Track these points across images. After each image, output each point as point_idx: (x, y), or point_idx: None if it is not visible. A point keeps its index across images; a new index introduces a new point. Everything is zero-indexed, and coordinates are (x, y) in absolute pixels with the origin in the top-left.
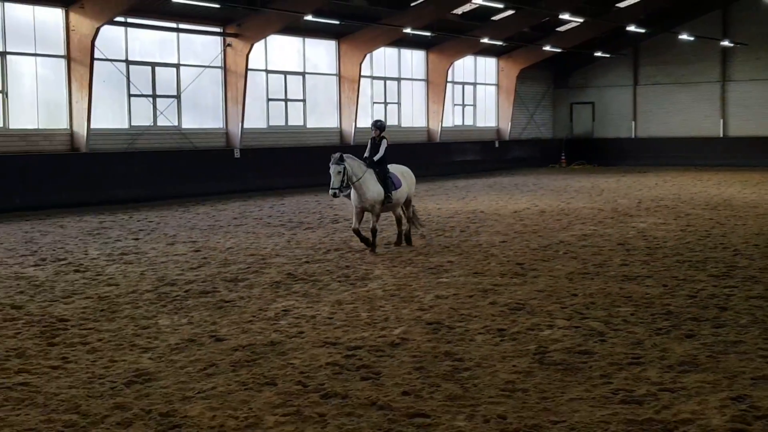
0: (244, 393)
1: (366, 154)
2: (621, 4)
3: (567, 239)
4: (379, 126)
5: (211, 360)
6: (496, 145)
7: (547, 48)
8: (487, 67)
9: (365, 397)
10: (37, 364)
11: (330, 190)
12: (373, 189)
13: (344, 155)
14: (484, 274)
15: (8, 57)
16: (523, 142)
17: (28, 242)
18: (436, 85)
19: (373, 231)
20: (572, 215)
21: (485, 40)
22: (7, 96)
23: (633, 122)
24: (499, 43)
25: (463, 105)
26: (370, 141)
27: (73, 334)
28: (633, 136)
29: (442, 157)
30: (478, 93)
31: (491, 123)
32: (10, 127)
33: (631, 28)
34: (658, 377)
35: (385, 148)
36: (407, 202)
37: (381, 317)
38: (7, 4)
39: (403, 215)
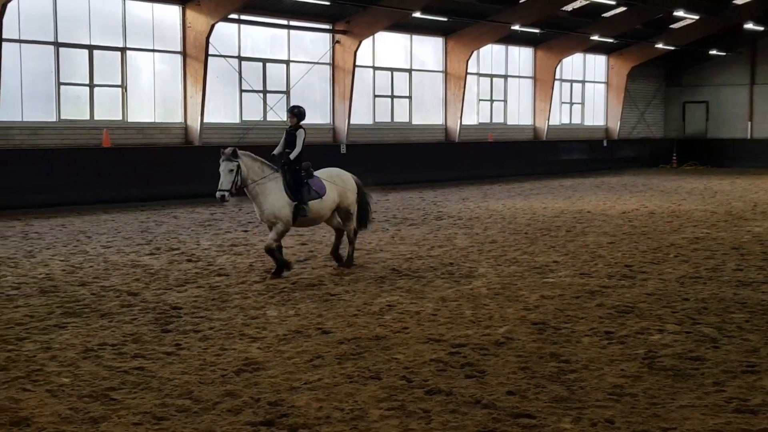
0: (350, 386)
1: (276, 150)
2: (738, 1)
3: (678, 242)
4: (296, 113)
5: (318, 352)
6: (605, 144)
7: (660, 46)
8: (596, 64)
9: (470, 395)
10: (152, 349)
11: (217, 192)
12: (274, 200)
13: (240, 151)
14: (590, 275)
15: (128, 53)
16: (633, 142)
17: (144, 232)
18: (543, 82)
19: (268, 250)
20: (683, 217)
21: (595, 38)
22: (126, 90)
23: (749, 122)
24: (610, 40)
25: (571, 103)
26: (284, 133)
27: (186, 321)
28: (749, 136)
29: (549, 155)
30: (587, 91)
31: (600, 122)
32: (129, 120)
33: (749, 25)
34: None
35: (302, 141)
36: (346, 215)
37: (485, 315)
38: (127, 2)
39: (346, 228)
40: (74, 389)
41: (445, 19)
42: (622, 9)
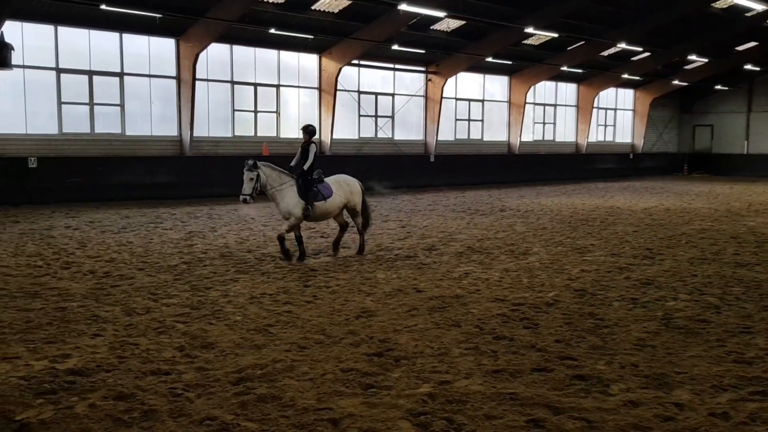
0: (437, 330)
1: (293, 162)
2: (740, 48)
3: (688, 232)
4: (309, 131)
5: (414, 305)
6: (631, 156)
7: (676, 82)
8: (626, 96)
9: (527, 341)
10: (297, 298)
11: (240, 196)
12: (289, 201)
13: (259, 162)
14: (620, 255)
15: (281, 89)
16: (653, 155)
17: None
18: (584, 110)
19: (279, 238)
20: (692, 213)
21: (625, 76)
22: (279, 115)
23: (746, 141)
24: (637, 77)
25: (605, 125)
26: (300, 148)
27: (320, 279)
28: (745, 152)
29: (587, 165)
30: (618, 116)
31: (627, 139)
32: (281, 136)
33: (747, 66)
34: (765, 344)
35: (314, 154)
36: (353, 213)
37: (538, 283)
38: (281, 52)
39: (354, 223)
40: (244, 324)
41: (510, 62)
42: (647, 54)
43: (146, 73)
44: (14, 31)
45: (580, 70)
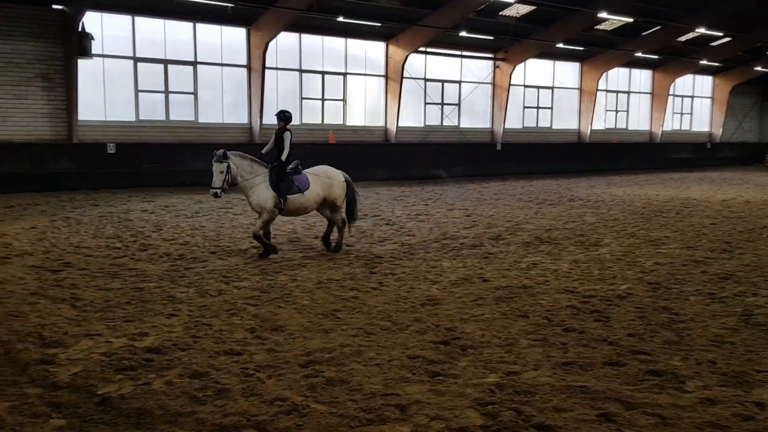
0: (504, 320)
1: (265, 149)
2: None
3: None
4: (285, 117)
5: (480, 294)
6: (708, 146)
7: (758, 68)
8: (704, 83)
9: (598, 334)
10: (362, 284)
11: (211, 190)
12: (260, 193)
13: (230, 152)
14: (696, 248)
15: (348, 77)
16: (732, 145)
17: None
18: (659, 97)
19: (254, 235)
20: None
21: (704, 62)
22: (345, 103)
23: None
24: (716, 64)
25: (682, 113)
26: (273, 135)
27: (386, 267)
28: None
29: (661, 154)
30: (695, 104)
31: (704, 128)
32: (347, 124)
33: None
34: None
35: (289, 142)
36: (333, 207)
37: (609, 275)
38: (349, 40)
39: (334, 218)
40: (312, 309)
41: (581, 48)
42: (727, 39)
43: (218, 62)
44: (94, 21)
45: (655, 56)
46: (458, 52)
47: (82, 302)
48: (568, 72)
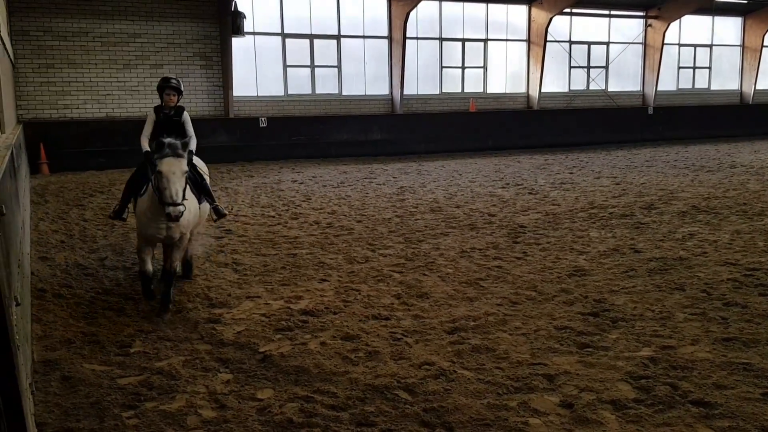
0: (658, 293)
1: (145, 138)
2: None
3: None
4: (177, 88)
5: (631, 266)
6: None
7: None
8: None
9: (763, 309)
10: (506, 254)
11: (172, 209)
12: (192, 204)
13: (169, 140)
14: None
15: (489, 43)
16: None
17: (497, 172)
18: None
19: (171, 272)
20: None
21: None
22: (486, 70)
23: None
24: None
25: None
26: (157, 114)
27: (530, 237)
28: None
29: None
30: None
31: None
32: (488, 92)
33: None
34: None
35: (191, 126)
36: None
37: None
38: (490, 5)
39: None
40: (455, 277)
41: (745, 1)
42: None
43: (360, 35)
44: (245, 0)
45: None
46: (606, 12)
47: (242, 267)
48: (729, 28)
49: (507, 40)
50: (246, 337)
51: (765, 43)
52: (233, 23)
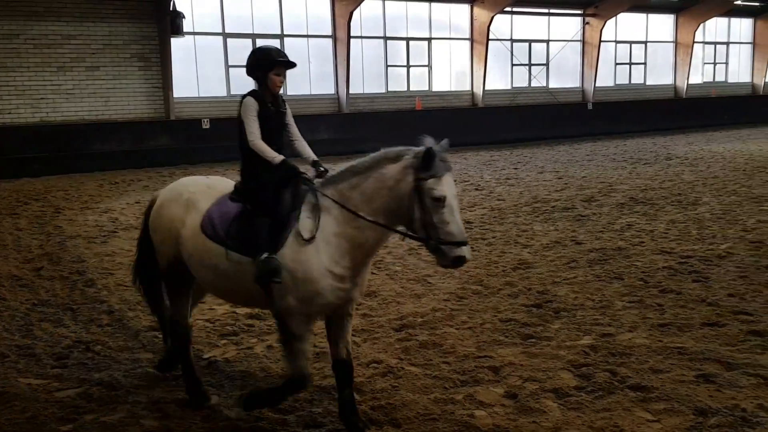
0: (598, 283)
1: (258, 136)
2: None
3: None
4: (288, 62)
5: (573, 257)
6: None
7: None
8: None
9: (696, 295)
10: None
11: (465, 250)
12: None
13: (438, 146)
14: None
15: (433, 42)
16: None
17: None
18: (762, 46)
19: (349, 362)
20: None
21: None
22: (431, 69)
23: None
24: None
25: None
26: (257, 104)
27: (476, 232)
28: None
29: (764, 107)
30: None
31: None
32: (433, 90)
33: None
34: None
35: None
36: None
37: (709, 235)
38: (433, 4)
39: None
40: (403, 274)
41: (677, 0)
42: None
43: (304, 34)
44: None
45: (757, 3)
46: (546, 10)
47: None
48: (662, 25)
49: (450, 38)
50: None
51: (696, 39)
52: (172, 23)
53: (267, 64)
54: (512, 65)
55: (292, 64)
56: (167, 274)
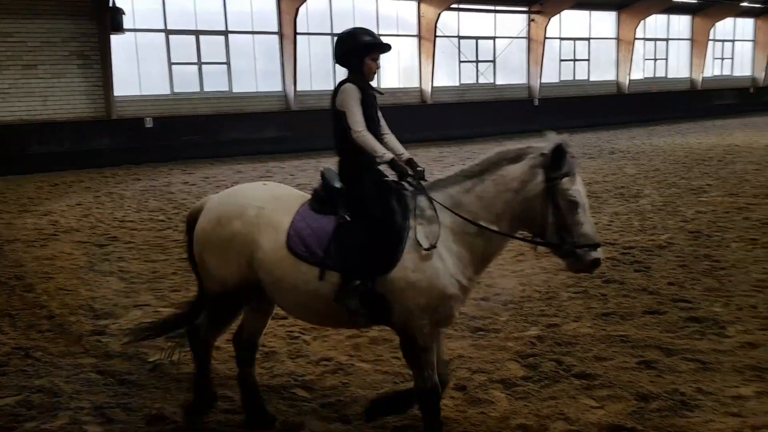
0: (545, 275)
1: (363, 125)
2: None
3: None
4: (385, 45)
5: (520, 250)
6: (751, 91)
7: None
8: (744, 26)
9: (638, 284)
10: None
11: (600, 252)
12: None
13: (565, 140)
14: (738, 195)
15: (380, 38)
16: None
17: None
18: (699, 43)
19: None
20: None
21: (745, 4)
22: (379, 66)
23: None
24: (758, 5)
25: (722, 58)
26: (358, 92)
27: None
28: None
29: (703, 101)
30: (736, 48)
31: (747, 72)
32: (382, 86)
33: None
34: None
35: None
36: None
37: (650, 226)
38: (380, 0)
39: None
40: None
41: None
42: None
43: (249, 30)
44: None
45: (694, 1)
46: (492, 7)
47: (129, 274)
48: (604, 22)
49: (398, 35)
50: (134, 347)
51: (637, 36)
52: (112, 20)
53: (363, 48)
54: (460, 62)
55: (387, 47)
56: (219, 302)
